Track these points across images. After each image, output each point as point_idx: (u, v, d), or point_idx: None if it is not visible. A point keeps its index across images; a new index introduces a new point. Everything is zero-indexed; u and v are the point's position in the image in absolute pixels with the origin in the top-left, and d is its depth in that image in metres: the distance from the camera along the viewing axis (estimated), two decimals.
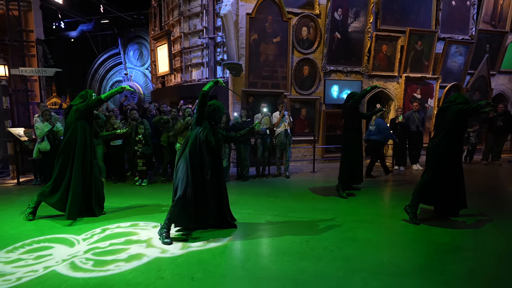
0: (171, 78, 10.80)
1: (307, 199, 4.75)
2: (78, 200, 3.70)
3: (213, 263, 2.69)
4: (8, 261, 2.74)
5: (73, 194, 3.66)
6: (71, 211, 3.65)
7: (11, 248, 2.99)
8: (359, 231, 3.44)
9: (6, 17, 6.71)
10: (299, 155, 7.87)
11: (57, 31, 15.34)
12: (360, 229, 3.49)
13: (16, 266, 2.64)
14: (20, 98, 7.05)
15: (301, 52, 7.53)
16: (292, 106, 7.53)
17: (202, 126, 3.24)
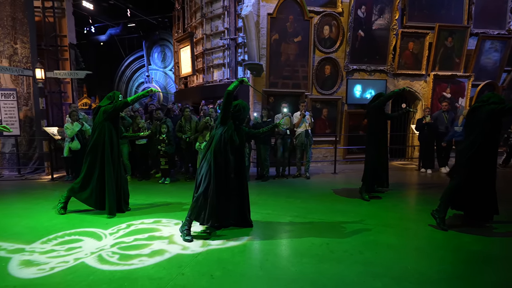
0: (193, 79, 11.04)
1: (328, 201, 4.67)
2: (114, 197, 3.89)
3: (232, 262, 2.73)
4: (42, 251, 2.94)
5: (109, 192, 3.85)
6: (111, 208, 3.86)
7: (45, 240, 3.20)
8: (381, 235, 3.34)
9: (42, 24, 7.20)
10: (320, 155, 7.76)
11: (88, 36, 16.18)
12: (383, 233, 3.38)
13: (50, 257, 2.82)
14: (54, 99, 7.52)
15: (322, 51, 7.41)
16: (313, 106, 7.43)
17: (227, 125, 3.29)
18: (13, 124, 6.44)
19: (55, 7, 7.31)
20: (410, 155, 8.45)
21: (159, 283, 2.37)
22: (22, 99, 6.89)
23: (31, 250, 2.95)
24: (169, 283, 2.37)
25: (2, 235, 3.31)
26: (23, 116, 6.86)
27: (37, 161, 7.05)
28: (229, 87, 3.25)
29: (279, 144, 6.19)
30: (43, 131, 6.52)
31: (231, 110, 3.31)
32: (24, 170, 6.87)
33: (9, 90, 6.51)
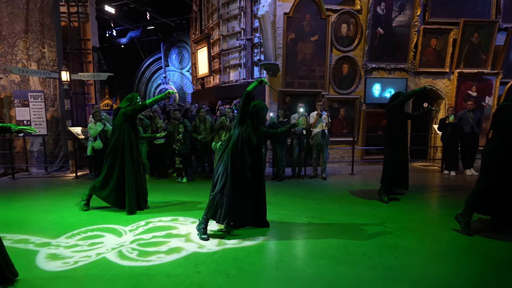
0: (210, 79, 11.18)
1: (345, 202, 4.58)
2: (133, 196, 4.02)
3: (248, 262, 2.73)
4: (67, 246, 3.08)
5: (129, 192, 3.98)
6: (131, 207, 3.99)
7: (70, 235, 3.35)
8: (401, 238, 3.24)
9: (68, 29, 7.53)
10: (337, 156, 7.63)
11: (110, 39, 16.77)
12: (403, 237, 3.28)
13: (74, 251, 2.95)
14: (78, 100, 7.85)
15: (340, 50, 7.28)
16: (330, 106, 7.32)
17: (245, 125, 3.30)
18: (40, 124, 6.79)
19: (80, 12, 7.63)
20: (432, 156, 8.14)
21: (176, 280, 2.41)
22: (49, 100, 7.24)
23: (57, 244, 3.10)
24: (186, 281, 2.41)
25: (30, 229, 3.49)
26: (49, 117, 7.21)
27: (62, 160, 7.39)
28: (248, 87, 3.27)
29: (295, 144, 6.14)
30: (68, 130, 6.82)
31: (249, 110, 3.32)
32: (50, 168, 7.22)
33: (38, 92, 6.86)
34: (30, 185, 5.98)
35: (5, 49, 7.04)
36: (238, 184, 3.23)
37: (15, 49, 7.07)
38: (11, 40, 7.04)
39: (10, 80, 7.17)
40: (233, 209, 3.24)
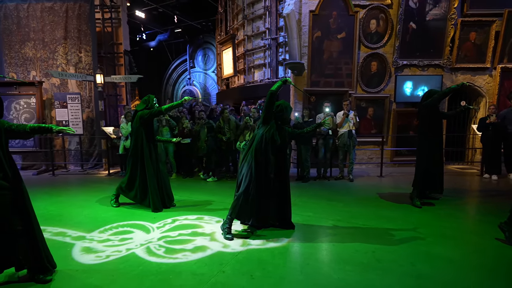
0: (234, 79, 11.28)
1: (373, 205, 4.39)
2: (157, 195, 4.16)
3: (272, 264, 2.70)
4: (100, 240, 3.23)
5: (151, 192, 4.13)
6: (154, 205, 4.13)
7: (102, 229, 3.52)
8: (436, 246, 3.03)
9: (102, 34, 7.96)
10: (364, 157, 7.36)
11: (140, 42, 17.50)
12: (438, 245, 3.06)
13: (106, 245, 3.09)
14: (111, 101, 8.28)
15: (368, 47, 7.01)
16: (358, 105, 7.07)
17: (269, 125, 3.28)
18: (77, 124, 7.23)
19: (113, 18, 8.03)
20: (470, 159, 7.59)
21: (201, 279, 2.44)
22: (85, 102, 7.70)
23: (91, 238, 3.27)
24: (211, 280, 2.43)
25: (67, 223, 3.72)
26: (85, 117, 7.66)
27: (96, 158, 7.83)
28: (273, 87, 3.24)
29: (320, 144, 6.01)
30: (102, 130, 7.21)
31: (273, 110, 3.29)
32: (86, 166, 7.67)
33: (75, 94, 7.32)
34: (68, 182, 6.39)
35: (47, 54, 7.59)
36: (262, 185, 3.21)
37: (55, 54, 7.59)
38: (52, 46, 7.57)
39: (51, 83, 7.72)
40: (258, 210, 3.23)
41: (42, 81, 7.51)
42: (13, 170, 2.29)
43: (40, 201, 4.67)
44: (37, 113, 7.41)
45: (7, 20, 7.45)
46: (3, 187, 2.21)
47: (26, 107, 7.43)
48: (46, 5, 7.44)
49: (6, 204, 2.22)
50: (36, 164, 7.60)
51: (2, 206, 2.20)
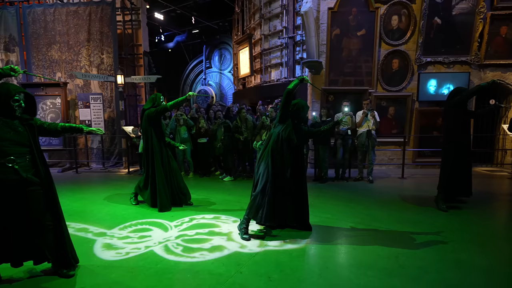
0: (251, 79, 11.26)
1: (395, 208, 4.22)
2: (165, 194, 4.16)
3: (290, 266, 2.64)
4: (120, 237, 3.30)
5: (159, 191, 4.13)
6: (162, 205, 4.13)
7: (122, 226, 3.59)
8: (465, 253, 2.86)
9: (123, 36, 8.17)
10: (384, 158, 7.12)
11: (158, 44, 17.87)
12: (467, 252, 2.89)
13: (126, 242, 3.15)
14: (131, 101, 8.49)
15: (390, 44, 6.77)
16: (378, 104, 6.85)
17: (285, 124, 3.23)
18: (99, 123, 7.46)
19: (133, 20, 8.23)
20: (499, 161, 7.16)
21: (219, 279, 2.42)
22: (106, 102, 7.93)
23: (111, 235, 3.34)
24: (228, 280, 2.40)
25: (89, 220, 3.83)
26: (107, 117, 7.90)
27: (117, 156, 8.05)
28: (289, 85, 3.18)
29: (339, 144, 5.86)
30: (122, 130, 7.40)
31: (290, 109, 3.24)
32: (107, 164, 7.91)
33: (97, 95, 7.56)
34: (90, 179, 6.60)
35: (71, 56, 7.89)
36: (279, 184, 3.16)
37: (79, 56, 7.88)
38: (76, 49, 7.85)
39: (75, 84, 8.01)
40: (274, 210, 3.18)
41: (67, 82, 7.81)
42: (45, 167, 2.36)
43: (64, 197, 4.83)
44: (62, 113, 7.72)
45: (35, 24, 7.81)
46: (35, 183, 2.28)
47: (52, 107, 7.75)
48: (71, 9, 7.73)
49: (37, 200, 2.29)
50: (61, 162, 7.92)
51: (33, 201, 2.28)
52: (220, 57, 16.73)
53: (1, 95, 2.20)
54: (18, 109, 2.24)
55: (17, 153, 2.20)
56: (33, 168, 2.29)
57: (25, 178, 2.21)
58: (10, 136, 2.18)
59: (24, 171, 2.22)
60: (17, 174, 2.19)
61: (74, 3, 7.91)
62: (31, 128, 2.31)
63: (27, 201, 2.26)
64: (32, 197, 2.27)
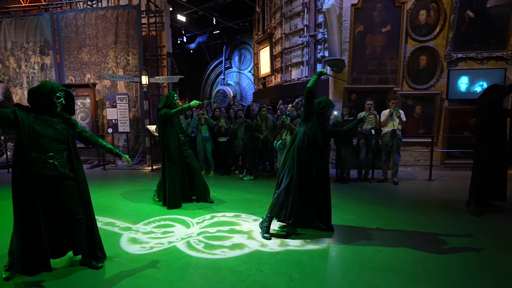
0: (271, 79, 11.24)
1: (422, 211, 4.04)
2: (174, 194, 4.22)
3: (312, 266, 2.60)
4: (144, 232, 3.41)
5: (169, 190, 4.22)
6: (171, 202, 4.21)
7: (146, 222, 3.71)
8: (501, 260, 2.68)
9: (147, 37, 8.44)
10: (410, 159, 6.84)
11: (181, 45, 18.29)
12: (503, 258, 2.71)
13: (150, 237, 3.25)
14: (154, 101, 8.74)
15: (417, 40, 6.49)
16: (404, 102, 6.59)
17: (310, 122, 3.19)
18: (125, 122, 7.76)
19: (157, 22, 8.48)
20: None
21: (240, 277, 2.43)
22: (131, 102, 8.23)
23: (136, 230, 3.46)
24: (249, 278, 2.41)
25: (116, 214, 3.99)
26: (132, 116, 8.19)
27: (141, 154, 8.33)
28: (308, 83, 3.13)
29: (362, 144, 5.70)
30: (146, 128, 7.64)
31: (314, 107, 3.20)
32: (132, 161, 8.21)
33: (123, 95, 7.86)
34: (117, 176, 6.88)
35: (100, 58, 8.26)
36: (304, 183, 3.12)
37: (107, 58, 8.23)
38: (104, 51, 8.21)
39: (103, 85, 8.39)
40: (298, 209, 3.15)
41: (96, 83, 8.19)
42: (79, 163, 2.51)
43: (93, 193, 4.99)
44: (91, 113, 8.11)
45: (67, 28, 8.25)
46: (71, 178, 2.42)
47: (82, 107, 8.16)
48: (100, 13, 8.09)
49: (72, 194, 2.43)
50: (89, 159, 8.32)
51: (68, 195, 2.41)
52: (240, 57, 16.83)
53: (44, 91, 2.31)
54: (59, 106, 2.36)
55: (56, 149, 2.32)
56: (69, 164, 2.41)
57: (62, 173, 2.34)
58: (50, 134, 2.30)
59: (62, 167, 2.34)
60: (56, 170, 2.32)
61: (103, 7, 8.27)
62: (71, 127, 2.45)
63: (63, 195, 2.39)
64: (67, 191, 2.40)
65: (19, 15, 8.53)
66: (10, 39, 8.50)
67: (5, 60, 8.60)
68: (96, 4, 8.55)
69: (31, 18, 8.36)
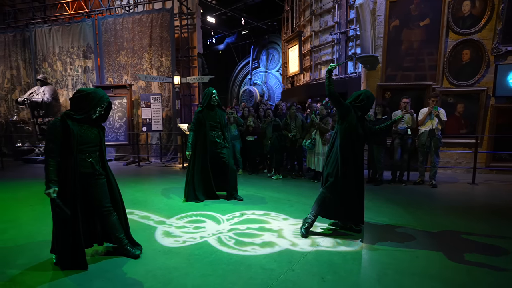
0: (300, 77, 11.11)
1: (465, 216, 3.76)
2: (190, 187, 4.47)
3: (345, 268, 2.53)
4: (178, 226, 3.53)
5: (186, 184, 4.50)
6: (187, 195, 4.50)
7: (179, 217, 3.84)
8: None
9: (180, 39, 8.74)
10: (450, 161, 6.39)
11: (210, 46, 18.71)
12: None
13: (182, 231, 3.35)
14: (185, 101, 9.03)
15: (459, 33, 6.05)
16: (444, 100, 6.17)
17: (347, 119, 3.09)
18: (158, 121, 8.10)
19: (189, 24, 8.75)
20: None
21: (271, 275, 2.43)
22: (164, 102, 8.57)
23: (170, 224, 3.59)
24: (280, 277, 2.40)
25: (150, 209, 4.17)
26: (164, 115, 8.53)
27: (173, 152, 8.65)
28: (326, 88, 3.04)
29: (396, 144, 5.43)
30: (178, 127, 7.91)
31: (353, 101, 3.13)
32: (164, 159, 8.54)
33: (157, 95, 8.21)
34: (150, 172, 7.20)
35: (136, 60, 8.70)
36: (347, 181, 3.06)
37: (142, 60, 8.64)
38: (140, 53, 8.64)
39: (139, 85, 8.82)
40: (340, 206, 3.09)
41: (132, 84, 8.64)
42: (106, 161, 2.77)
43: (129, 188, 5.37)
44: (127, 112, 8.57)
45: (107, 33, 8.79)
46: (102, 174, 2.68)
47: (119, 107, 8.65)
48: (136, 17, 8.52)
49: (103, 188, 2.67)
50: (125, 156, 8.80)
51: (100, 189, 2.64)
52: (268, 57, 16.83)
53: (94, 99, 2.55)
54: (97, 114, 2.61)
55: (92, 151, 2.61)
56: (99, 162, 2.70)
57: (97, 170, 2.63)
58: (91, 139, 2.59)
59: (96, 164, 2.63)
60: (93, 168, 2.60)
61: (139, 12, 8.70)
62: (102, 130, 2.74)
63: (95, 189, 2.63)
64: (99, 185, 2.64)
65: (66, 22, 9.24)
66: (58, 45, 9.24)
67: (53, 64, 9.36)
68: (133, 9, 9.02)
69: (75, 24, 9.02)
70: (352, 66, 8.59)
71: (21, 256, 2.81)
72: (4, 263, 2.68)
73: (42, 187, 2.36)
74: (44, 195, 2.34)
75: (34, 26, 9.42)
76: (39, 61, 9.46)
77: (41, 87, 8.75)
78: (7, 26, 10.12)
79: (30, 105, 8.52)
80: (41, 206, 4.20)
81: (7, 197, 4.81)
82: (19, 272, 2.53)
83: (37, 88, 8.80)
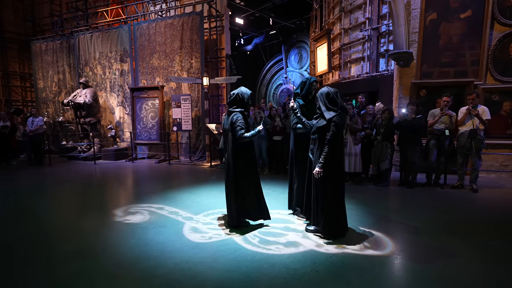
0: (328, 76, 10.86)
1: (509, 224, 3.44)
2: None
3: (372, 273, 2.44)
4: (204, 222, 3.63)
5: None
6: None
7: (206, 213, 3.94)
8: None
9: (209, 41, 8.96)
10: (495, 164, 5.88)
11: (238, 47, 18.95)
12: None
13: (209, 228, 3.44)
14: (214, 101, 9.24)
15: (507, 24, 5.55)
16: (488, 98, 5.70)
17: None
18: (188, 121, 8.38)
19: (217, 26, 8.94)
20: None
21: (294, 274, 2.41)
22: (193, 102, 8.84)
23: (197, 220, 3.70)
24: (304, 277, 2.37)
25: (179, 205, 4.33)
26: (194, 115, 8.80)
27: (201, 151, 8.90)
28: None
29: (432, 145, 5.11)
30: (206, 127, 8.12)
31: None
32: (193, 157, 8.82)
33: (187, 96, 8.49)
34: (179, 170, 7.48)
35: (167, 63, 9.08)
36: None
37: (173, 62, 9.00)
38: (171, 56, 9.00)
39: (170, 87, 9.19)
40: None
41: (164, 85, 9.02)
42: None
43: (159, 184, 5.62)
44: (159, 112, 8.97)
45: (142, 37, 9.28)
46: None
47: (152, 107, 9.09)
48: (168, 22, 8.89)
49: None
50: (157, 154, 9.21)
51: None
52: (297, 56, 16.68)
53: (249, 97, 3.66)
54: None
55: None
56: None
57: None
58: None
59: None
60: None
61: (170, 16, 9.06)
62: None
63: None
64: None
65: (105, 29, 9.91)
66: (98, 50, 9.93)
67: (94, 68, 10.08)
68: (165, 14, 9.42)
69: (113, 31, 9.64)
70: (384, 63, 8.22)
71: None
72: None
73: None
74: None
75: (77, 34, 10.21)
76: (82, 65, 10.23)
77: (83, 89, 9.46)
78: (55, 35, 11.09)
79: (73, 106, 9.25)
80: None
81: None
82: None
83: (79, 91, 9.52)
